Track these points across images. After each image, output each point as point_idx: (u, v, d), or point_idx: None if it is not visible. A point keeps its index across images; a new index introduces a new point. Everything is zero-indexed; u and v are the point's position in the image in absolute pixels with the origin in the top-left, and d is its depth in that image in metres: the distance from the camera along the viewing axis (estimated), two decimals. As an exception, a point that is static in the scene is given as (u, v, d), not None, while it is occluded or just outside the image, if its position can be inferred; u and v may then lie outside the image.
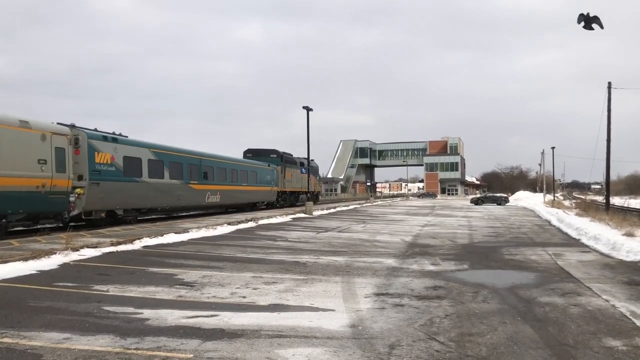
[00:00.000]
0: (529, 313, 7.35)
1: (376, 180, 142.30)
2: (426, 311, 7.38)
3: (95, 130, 20.07)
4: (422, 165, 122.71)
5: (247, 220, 22.89)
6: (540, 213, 36.81)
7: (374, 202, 66.09)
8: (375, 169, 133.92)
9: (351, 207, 45.61)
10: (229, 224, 20.93)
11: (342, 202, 61.55)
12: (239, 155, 38.49)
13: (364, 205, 52.49)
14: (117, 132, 21.86)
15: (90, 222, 19.60)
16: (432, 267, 11.66)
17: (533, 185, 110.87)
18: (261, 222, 23.50)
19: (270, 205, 38.29)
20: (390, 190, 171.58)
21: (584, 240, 17.29)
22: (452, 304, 7.91)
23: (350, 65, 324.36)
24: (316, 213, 32.53)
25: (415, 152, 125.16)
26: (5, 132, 15.13)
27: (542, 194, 73.95)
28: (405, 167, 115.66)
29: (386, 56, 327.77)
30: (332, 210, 37.22)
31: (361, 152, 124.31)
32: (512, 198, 75.52)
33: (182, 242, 15.32)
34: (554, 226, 25.25)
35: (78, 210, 18.34)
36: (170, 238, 15.70)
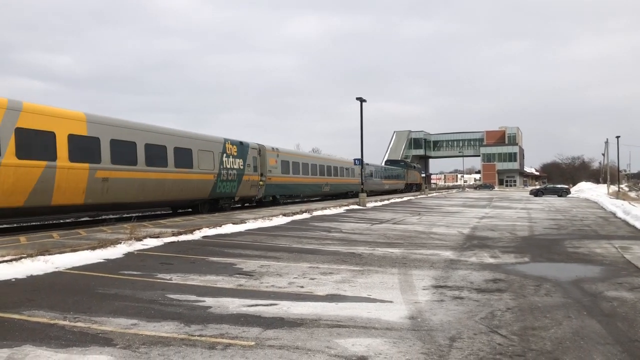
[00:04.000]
0: (595, 307, 7.09)
1: (431, 171, 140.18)
2: (487, 304, 7.24)
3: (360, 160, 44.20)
4: (478, 156, 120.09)
5: (302, 212, 23.09)
6: (604, 205, 35.34)
7: (429, 193, 65.25)
8: (430, 160, 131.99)
9: (405, 198, 45.22)
10: (284, 215, 21.17)
11: (395, 193, 61.09)
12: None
13: (419, 196, 51.94)
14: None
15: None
16: (491, 260, 11.42)
17: (596, 176, 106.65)
18: (315, 213, 23.66)
19: (401, 191, 65.29)
20: (445, 182, 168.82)
21: (653, 233, 16.48)
22: (514, 297, 7.72)
23: (405, 56, 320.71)
24: (369, 205, 32.44)
25: (472, 142, 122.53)
26: (349, 166, 45.05)
27: (605, 185, 70.97)
28: (461, 157, 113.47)
29: (442, 46, 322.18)
30: (386, 202, 37.02)
31: (415, 142, 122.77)
32: (573, 189, 72.99)
33: (240, 232, 15.63)
34: (620, 218, 24.19)
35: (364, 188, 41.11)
36: (228, 229, 16.04)
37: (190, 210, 24.74)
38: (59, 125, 15.73)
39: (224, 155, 24.57)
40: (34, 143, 14.90)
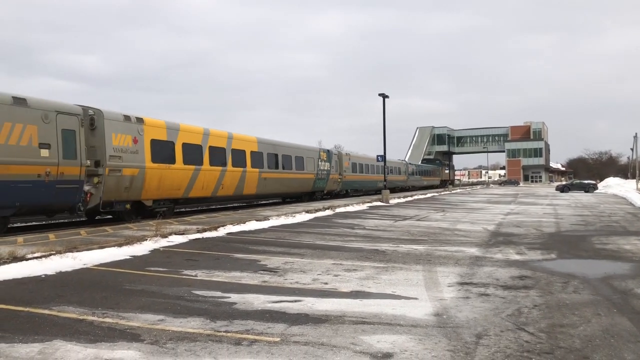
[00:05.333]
0: (625, 305, 6.95)
1: (454, 167, 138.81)
2: (513, 301, 7.16)
3: (407, 160, 70.56)
4: (503, 151, 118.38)
5: (325, 209, 23.10)
6: (633, 201, 34.62)
7: (453, 190, 64.70)
8: (454, 156, 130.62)
9: (428, 195, 44.91)
10: (307, 212, 21.21)
11: (418, 190, 60.75)
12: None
13: (442, 193, 51.54)
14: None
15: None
16: (517, 257, 11.28)
17: (624, 171, 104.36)
18: (338, 210, 23.64)
19: (437, 187, 74.55)
20: (469, 178, 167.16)
21: (685, 230, 16.08)
22: (541, 294, 7.62)
23: (429, 52, 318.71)
24: (393, 201, 32.31)
25: (496, 138, 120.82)
26: (396, 165, 57.65)
27: (634, 180, 69.47)
28: (486, 153, 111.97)
29: (467, 41, 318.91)
30: (409, 199, 36.80)
31: (438, 138, 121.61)
32: (600, 185, 71.59)
33: (263, 229, 15.69)
34: (650, 214, 23.66)
35: (408, 184, 61.25)
36: (252, 225, 16.13)
37: (295, 199, 33.17)
38: (245, 145, 25.28)
39: (319, 160, 34.35)
40: (237, 157, 24.27)
